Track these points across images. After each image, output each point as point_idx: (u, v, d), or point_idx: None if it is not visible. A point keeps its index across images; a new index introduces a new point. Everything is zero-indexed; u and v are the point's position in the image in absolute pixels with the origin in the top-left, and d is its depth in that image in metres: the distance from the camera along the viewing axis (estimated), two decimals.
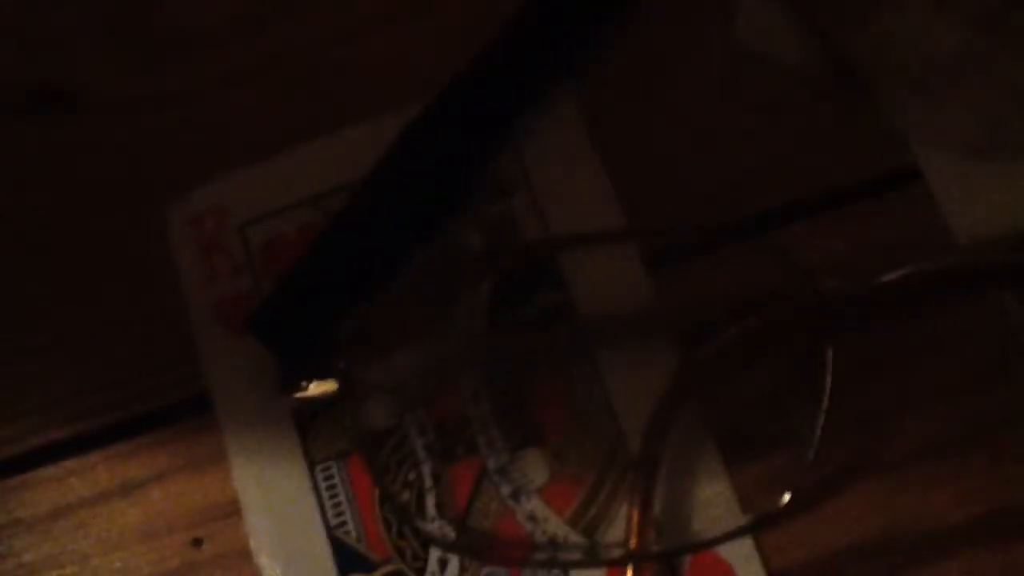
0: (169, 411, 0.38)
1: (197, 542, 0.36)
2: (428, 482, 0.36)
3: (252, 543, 0.36)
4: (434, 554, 0.35)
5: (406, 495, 0.36)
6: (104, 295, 0.39)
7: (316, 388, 0.36)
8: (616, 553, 0.34)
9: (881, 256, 0.36)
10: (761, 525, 0.34)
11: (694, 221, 0.37)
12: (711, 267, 0.37)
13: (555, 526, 0.35)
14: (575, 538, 0.35)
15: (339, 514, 0.36)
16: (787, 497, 0.34)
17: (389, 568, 0.35)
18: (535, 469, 0.36)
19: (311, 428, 0.37)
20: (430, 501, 0.36)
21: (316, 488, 0.36)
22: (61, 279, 0.40)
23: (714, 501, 0.35)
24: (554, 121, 0.39)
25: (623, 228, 0.37)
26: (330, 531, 0.36)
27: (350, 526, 0.36)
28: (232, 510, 0.36)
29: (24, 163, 0.41)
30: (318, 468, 0.36)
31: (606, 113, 0.39)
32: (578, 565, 0.35)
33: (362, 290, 0.37)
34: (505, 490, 0.36)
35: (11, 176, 0.41)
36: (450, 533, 0.35)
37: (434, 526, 0.35)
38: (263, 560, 0.36)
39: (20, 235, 0.40)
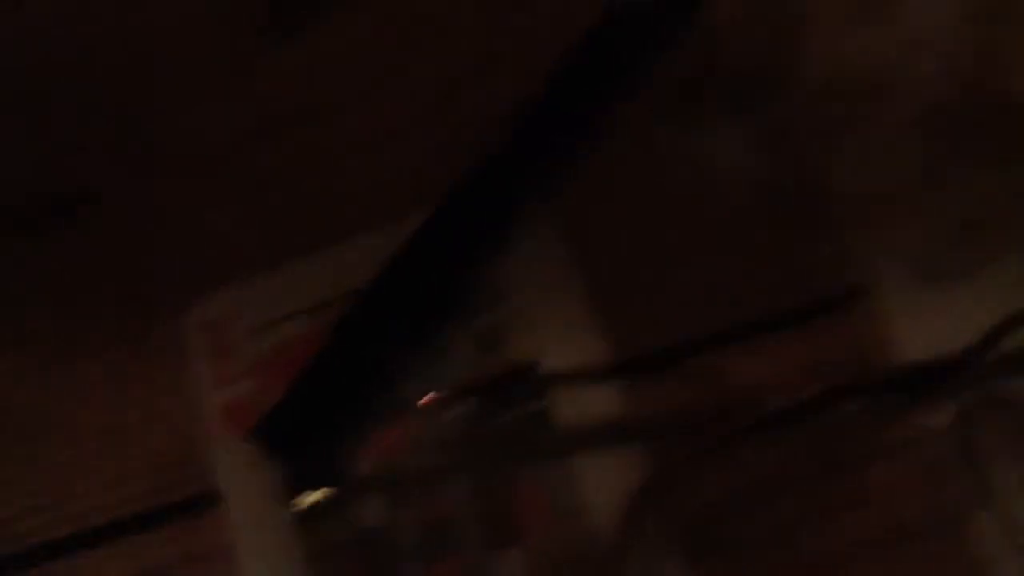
0: (181, 507, 0.41)
1: None
2: None
3: None
4: None
5: None
6: (119, 395, 0.43)
7: (314, 496, 0.39)
8: None
9: (827, 374, 0.39)
10: None
11: (656, 340, 0.40)
12: (678, 377, 0.40)
13: None
14: None
15: None
16: None
17: None
18: (515, 568, 0.39)
19: (311, 528, 0.40)
20: None
21: None
22: (77, 380, 0.43)
23: None
24: (538, 236, 0.42)
25: (597, 356, 0.40)
26: None
27: None
28: None
29: (41, 271, 0.45)
30: (318, 567, 0.39)
31: (581, 228, 0.42)
32: None
33: (361, 398, 0.40)
34: None
35: (29, 284, 0.44)
36: None
37: None
38: None
39: (36, 337, 0.44)
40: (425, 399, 0.41)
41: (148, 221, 0.45)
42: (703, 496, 0.39)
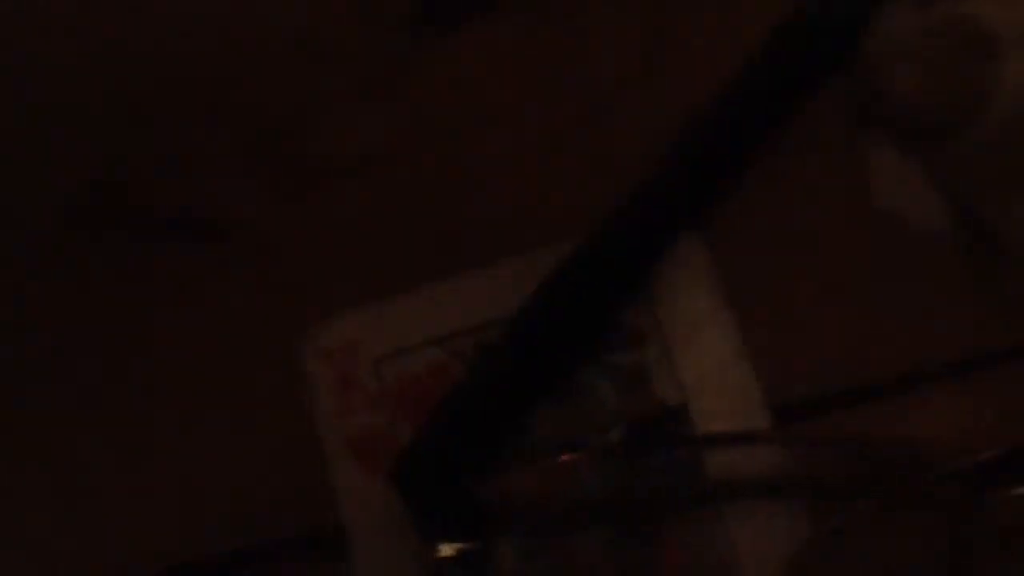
0: (303, 542, 0.39)
1: None
2: None
3: None
4: None
5: None
6: (239, 422, 0.40)
7: (451, 546, 0.36)
8: None
9: (1013, 426, 0.36)
10: None
11: (817, 385, 0.38)
12: (840, 428, 0.38)
13: None
14: None
15: None
16: None
17: None
18: None
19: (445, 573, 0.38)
20: None
21: None
22: (194, 402, 0.41)
23: None
24: (685, 271, 0.40)
25: (750, 402, 0.38)
26: None
27: None
28: None
29: (163, 288, 0.42)
30: None
31: (737, 263, 0.39)
32: None
33: (499, 443, 0.38)
34: None
35: (150, 299, 0.42)
36: None
37: None
38: None
39: (156, 357, 0.42)
40: (566, 444, 0.38)
41: (275, 241, 0.42)
42: (867, 564, 0.36)
